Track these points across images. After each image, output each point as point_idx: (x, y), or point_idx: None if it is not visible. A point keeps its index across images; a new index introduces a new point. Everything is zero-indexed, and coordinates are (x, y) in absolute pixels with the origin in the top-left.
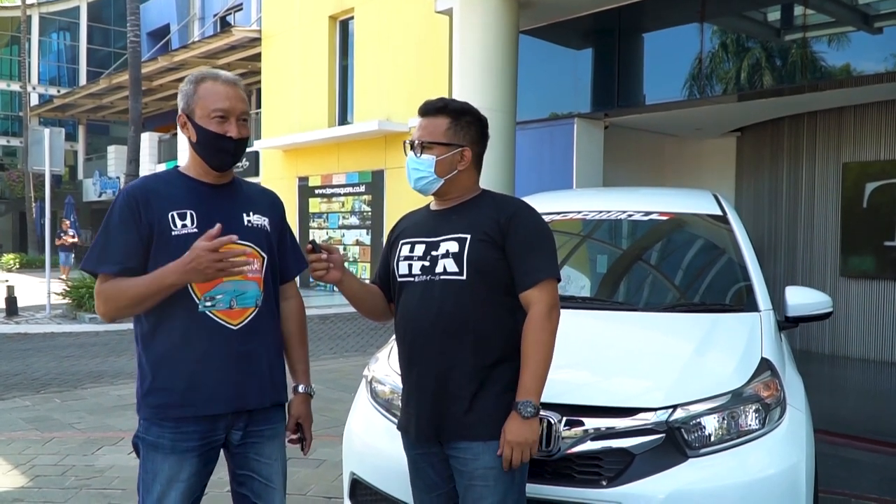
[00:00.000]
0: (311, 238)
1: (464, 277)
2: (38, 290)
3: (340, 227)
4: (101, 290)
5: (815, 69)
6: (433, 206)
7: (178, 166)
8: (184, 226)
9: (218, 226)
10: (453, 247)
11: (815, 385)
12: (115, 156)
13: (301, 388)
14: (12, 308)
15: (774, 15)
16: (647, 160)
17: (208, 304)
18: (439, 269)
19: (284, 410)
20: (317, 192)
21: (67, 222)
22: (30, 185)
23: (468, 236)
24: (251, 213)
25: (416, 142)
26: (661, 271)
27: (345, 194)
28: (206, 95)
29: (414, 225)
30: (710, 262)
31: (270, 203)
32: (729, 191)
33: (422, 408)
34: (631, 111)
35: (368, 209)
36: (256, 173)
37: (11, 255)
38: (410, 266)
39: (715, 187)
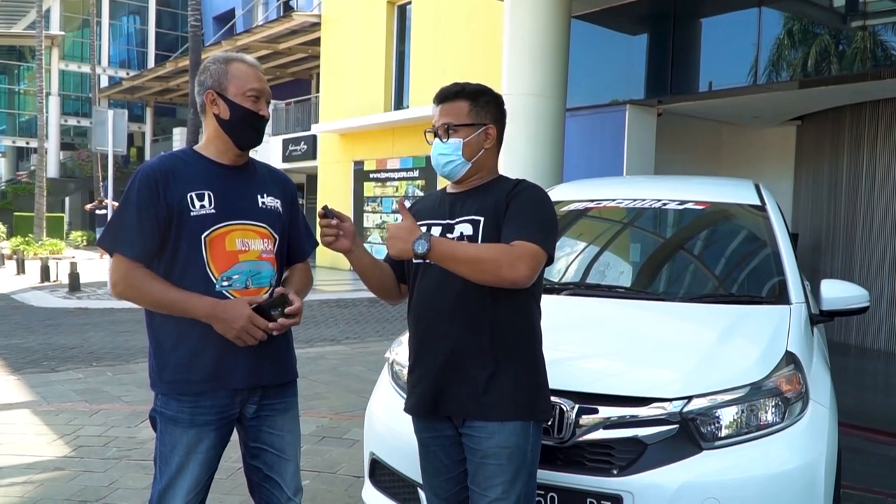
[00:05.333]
0: (323, 205)
1: None
2: (102, 266)
3: (394, 212)
4: (126, 273)
5: (879, 56)
6: (449, 189)
7: (192, 146)
8: (202, 206)
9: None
10: (468, 229)
11: (870, 383)
12: (181, 137)
13: None
14: (75, 284)
15: (836, 0)
16: (703, 149)
17: (225, 283)
18: None
19: (296, 386)
20: (371, 176)
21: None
22: (97, 165)
23: (482, 219)
24: (265, 195)
25: (440, 127)
26: (692, 261)
27: (399, 179)
28: (240, 75)
29: (429, 207)
30: (744, 252)
31: (282, 184)
32: (788, 181)
33: (434, 387)
34: (685, 98)
35: (422, 194)
36: (314, 157)
37: (79, 233)
38: None
39: (774, 177)
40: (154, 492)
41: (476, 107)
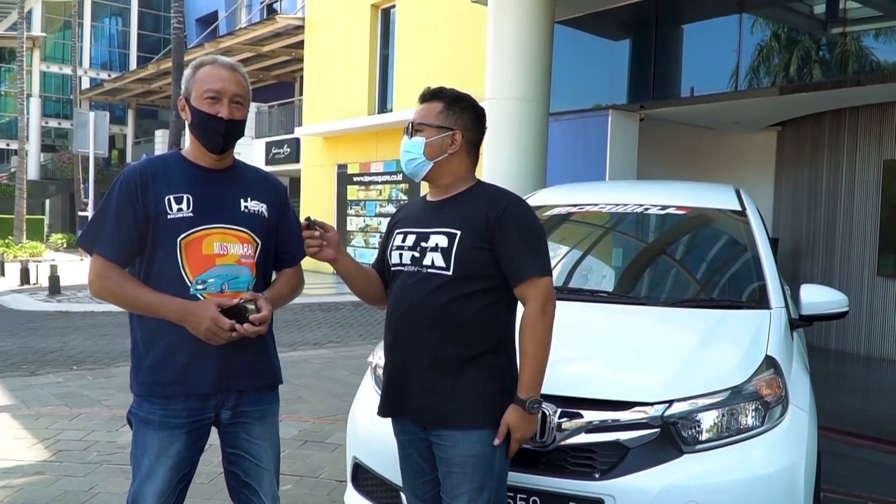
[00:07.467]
0: (307, 216)
1: (450, 273)
2: (83, 268)
3: (377, 215)
4: (101, 273)
5: (858, 63)
6: (429, 197)
7: (181, 149)
8: (179, 209)
9: (237, 300)
10: (442, 241)
11: (849, 387)
12: (163, 139)
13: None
14: (55, 286)
15: (816, 7)
16: (684, 154)
17: (199, 287)
18: (427, 261)
19: (276, 393)
20: (355, 179)
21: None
22: (78, 167)
23: (458, 232)
24: (249, 199)
25: (409, 125)
26: (674, 266)
27: (382, 182)
28: (202, 78)
29: (409, 215)
30: (724, 257)
31: (271, 188)
32: (768, 186)
33: (396, 390)
34: (667, 103)
35: (405, 197)
36: (297, 160)
37: (60, 235)
38: (401, 255)
39: (754, 182)
40: (129, 494)
41: (448, 110)
